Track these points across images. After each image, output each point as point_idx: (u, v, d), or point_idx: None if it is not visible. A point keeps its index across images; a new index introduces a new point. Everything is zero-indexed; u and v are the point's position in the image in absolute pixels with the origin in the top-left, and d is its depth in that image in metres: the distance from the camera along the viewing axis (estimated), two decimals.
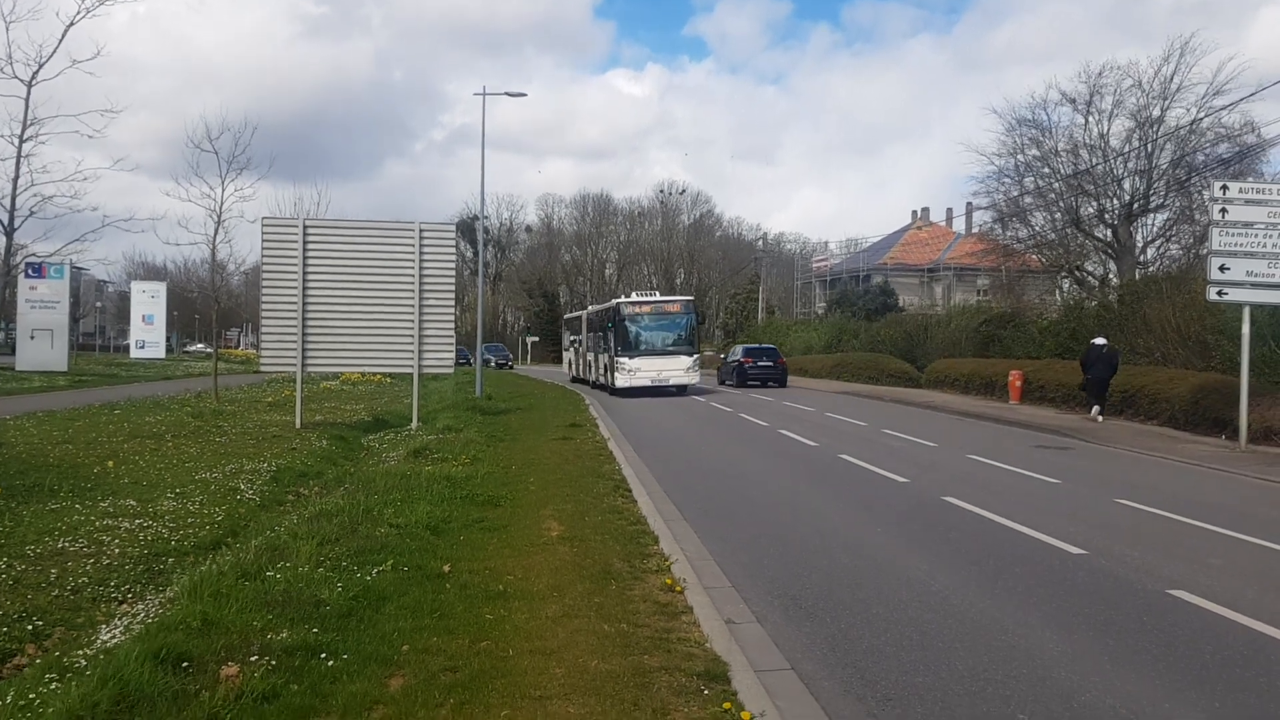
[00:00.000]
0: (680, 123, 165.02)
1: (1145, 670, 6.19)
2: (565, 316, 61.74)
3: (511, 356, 77.60)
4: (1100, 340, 24.06)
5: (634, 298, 35.24)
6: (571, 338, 48.00)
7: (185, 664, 5.41)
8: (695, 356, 34.18)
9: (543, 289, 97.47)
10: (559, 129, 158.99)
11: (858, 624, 7.17)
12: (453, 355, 21.37)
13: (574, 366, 45.37)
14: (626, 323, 33.46)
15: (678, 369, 33.26)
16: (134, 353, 55.35)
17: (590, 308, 45.94)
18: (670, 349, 33.61)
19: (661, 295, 37.19)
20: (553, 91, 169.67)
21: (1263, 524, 10.86)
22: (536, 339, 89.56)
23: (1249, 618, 7.22)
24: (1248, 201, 17.90)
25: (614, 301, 35.66)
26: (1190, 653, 6.51)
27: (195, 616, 6.11)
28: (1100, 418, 22.97)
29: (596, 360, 38.32)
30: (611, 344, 34.06)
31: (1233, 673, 6.13)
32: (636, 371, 32.93)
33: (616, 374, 33.39)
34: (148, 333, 54.84)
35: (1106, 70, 37.42)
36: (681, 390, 33.87)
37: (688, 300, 36.40)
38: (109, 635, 6.20)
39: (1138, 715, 5.48)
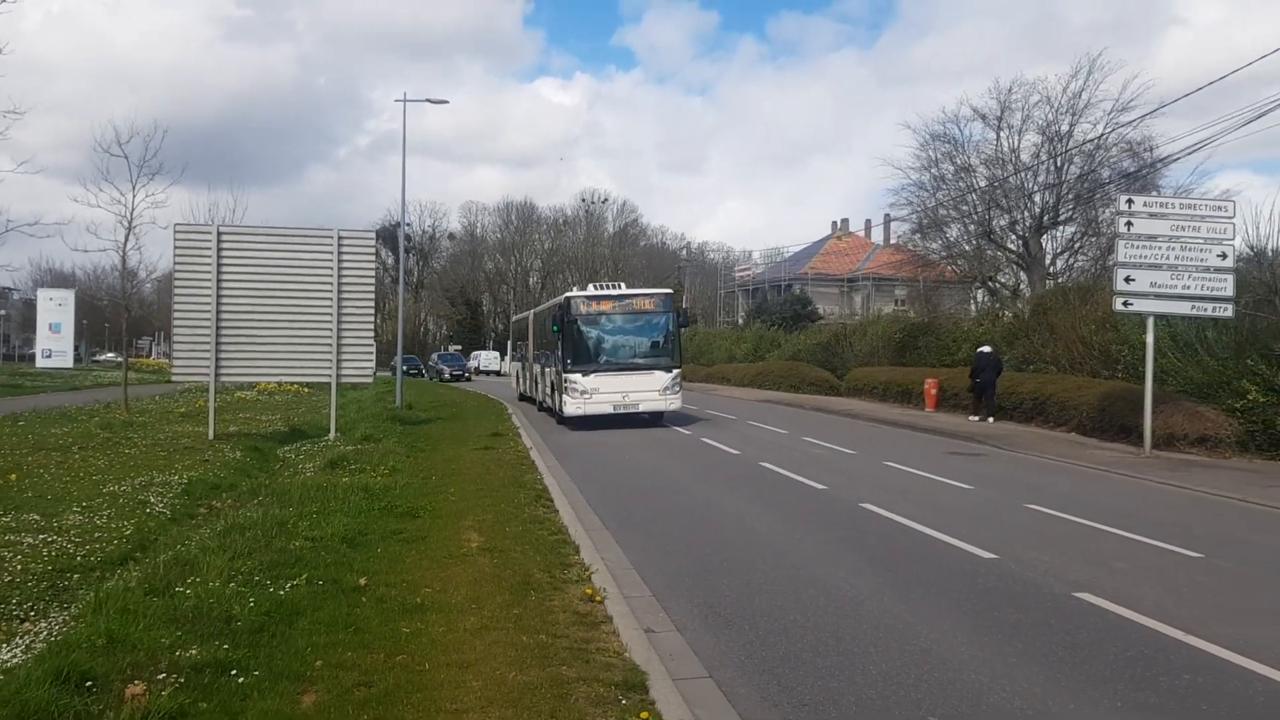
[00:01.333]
0: (608, 132, 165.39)
1: (1051, 671, 6.36)
2: (513, 319, 49.05)
3: (468, 367, 67.67)
4: (986, 349, 26.54)
5: (590, 291, 25.88)
6: (518, 345, 39.10)
7: (89, 683, 5.27)
8: (676, 372, 24.62)
9: (465, 297, 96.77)
10: (487, 136, 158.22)
11: (775, 631, 7.25)
12: (373, 364, 21.13)
13: (521, 381, 36.57)
14: (580, 325, 24.56)
15: (650, 390, 24.17)
16: (40, 362, 53.64)
17: (537, 307, 36.95)
18: (640, 362, 24.63)
19: (627, 288, 27.39)
20: (481, 99, 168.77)
21: (1164, 527, 11.23)
22: (459, 347, 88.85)
23: (1150, 618, 7.46)
24: (1151, 215, 18.50)
25: (563, 296, 26.04)
26: (1095, 653, 6.70)
27: (100, 634, 5.95)
28: (990, 419, 25.00)
29: (543, 375, 29.30)
30: (559, 355, 24.99)
31: (1135, 672, 6.32)
32: (593, 394, 23.98)
33: (566, 396, 24.28)
34: (55, 342, 53.24)
35: (1016, 86, 38.61)
36: (656, 418, 25.52)
37: (664, 295, 26.25)
38: (9, 655, 6.01)
39: (1043, 715, 5.63)
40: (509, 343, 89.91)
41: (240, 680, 5.55)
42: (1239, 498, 13.67)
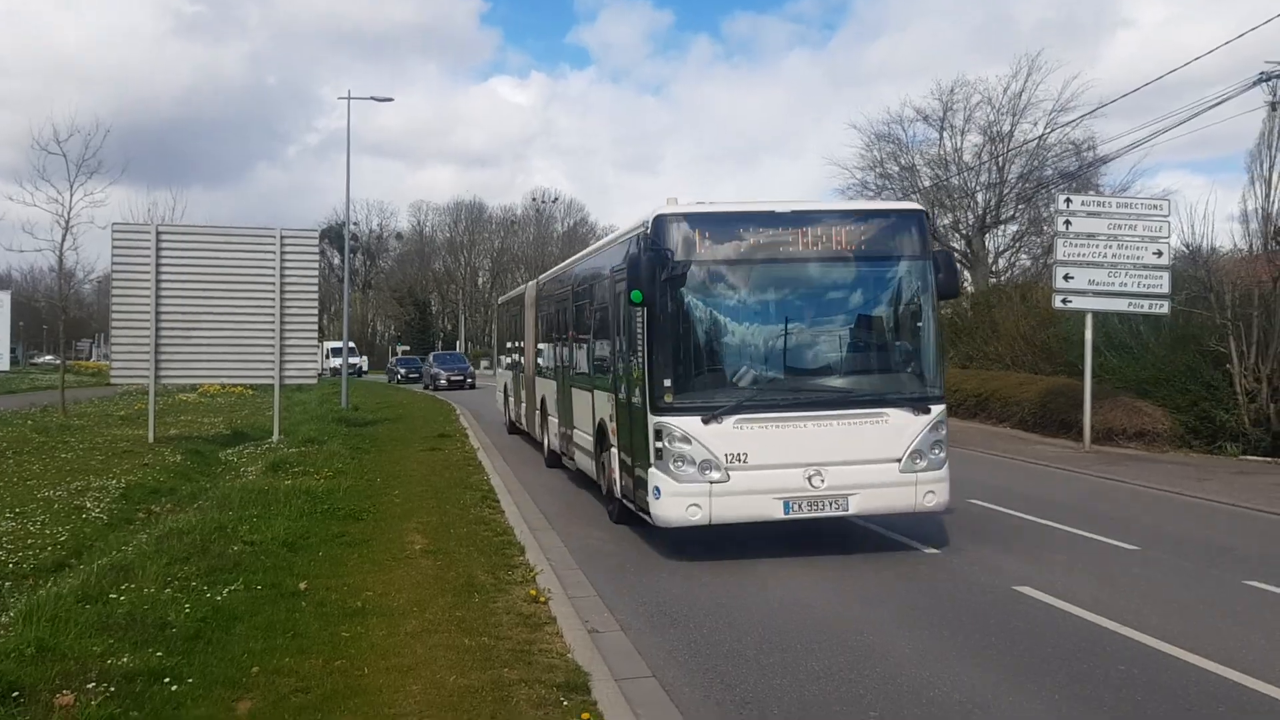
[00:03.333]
0: (563, 131, 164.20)
1: (991, 664, 6.43)
2: (500, 300, 30.69)
3: (472, 370, 51.31)
4: None
5: (708, 207, 9.93)
6: (510, 344, 23.19)
7: (16, 694, 5.15)
8: (938, 411, 9.73)
9: (414, 297, 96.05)
10: (441, 135, 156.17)
11: (720, 628, 7.27)
12: (316, 365, 20.79)
13: (513, 403, 22.21)
14: (694, 293, 9.39)
15: (877, 457, 9.49)
16: None
17: (551, 271, 19.26)
18: (845, 386, 9.81)
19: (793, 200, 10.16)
20: (435, 97, 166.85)
21: (1102, 521, 11.42)
22: (407, 348, 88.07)
23: (1088, 611, 7.58)
24: (1090, 214, 18.82)
25: (651, 217, 9.56)
26: (1033, 646, 6.79)
27: (29, 643, 5.80)
28: None
29: (567, 403, 14.72)
30: (637, 367, 9.87)
31: (1071, 664, 6.42)
32: (732, 468, 9.20)
33: (661, 470, 9.26)
34: None
35: (958, 87, 39.14)
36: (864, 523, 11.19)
37: (902, 215, 10.18)
38: None
39: (982, 708, 5.69)
40: (459, 342, 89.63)
41: (174, 688, 5.44)
42: (1174, 491, 13.94)
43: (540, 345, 18.03)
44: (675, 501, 9.17)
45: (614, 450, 11.12)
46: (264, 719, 5.14)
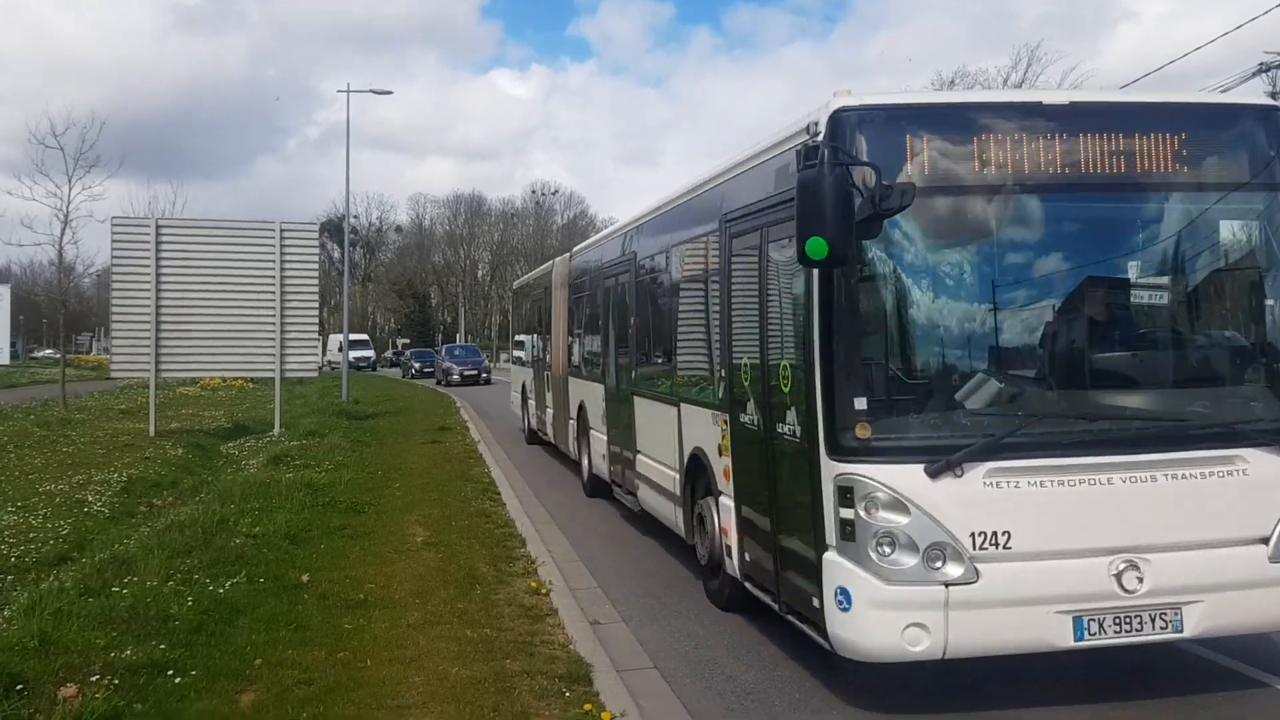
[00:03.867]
0: (563, 124, 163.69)
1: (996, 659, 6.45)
2: (517, 284, 25.39)
3: (488, 365, 47.15)
4: None
5: (921, 97, 7.81)
6: (531, 335, 19.24)
7: (19, 686, 5.17)
8: None
9: (413, 290, 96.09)
10: (442, 128, 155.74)
11: (723, 619, 7.30)
12: (317, 358, 20.82)
13: (533, 407, 18.42)
14: (894, 250, 5.41)
15: (1221, 536, 5.37)
16: None
17: (609, 230, 14.34)
18: (1163, 411, 5.76)
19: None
20: (435, 91, 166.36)
21: None
22: (408, 340, 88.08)
23: None
24: None
25: (827, 113, 5.34)
26: None
27: (32, 636, 5.83)
28: None
29: (630, 420, 10.39)
30: (789, 370, 5.89)
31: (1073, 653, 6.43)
32: (982, 558, 5.18)
33: (853, 562, 5.21)
34: None
35: (958, 78, 39.07)
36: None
37: (1250, 111, 5.81)
38: None
39: (982, 687, 5.71)
40: (459, 335, 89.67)
41: (177, 680, 5.46)
42: None
43: (575, 336, 14.20)
44: (881, 619, 5.18)
45: (726, 501, 7.18)
46: (267, 711, 5.16)
